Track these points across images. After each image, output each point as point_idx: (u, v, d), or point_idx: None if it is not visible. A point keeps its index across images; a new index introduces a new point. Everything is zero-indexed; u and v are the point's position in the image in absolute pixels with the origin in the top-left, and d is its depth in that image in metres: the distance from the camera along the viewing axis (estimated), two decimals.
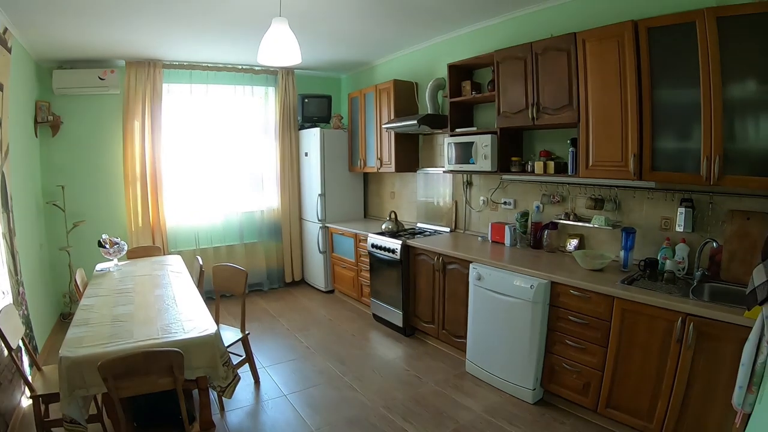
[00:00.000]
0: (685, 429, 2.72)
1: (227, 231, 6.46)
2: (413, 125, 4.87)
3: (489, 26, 4.61)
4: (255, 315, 5.45)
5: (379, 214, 6.65)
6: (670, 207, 3.39)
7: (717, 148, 2.74)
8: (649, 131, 3.09)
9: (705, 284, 3.04)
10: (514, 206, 4.62)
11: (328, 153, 6.27)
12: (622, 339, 2.99)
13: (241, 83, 6.35)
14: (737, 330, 2.44)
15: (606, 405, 3.11)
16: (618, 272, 3.41)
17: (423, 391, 3.76)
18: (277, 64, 3.56)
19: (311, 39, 4.87)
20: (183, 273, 4.05)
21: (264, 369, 4.13)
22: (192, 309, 3.09)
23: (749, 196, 2.97)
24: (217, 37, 4.89)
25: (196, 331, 2.67)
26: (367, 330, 5.17)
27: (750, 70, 2.64)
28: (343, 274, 6.12)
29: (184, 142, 6.12)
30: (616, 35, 3.17)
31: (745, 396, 2.20)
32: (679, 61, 2.90)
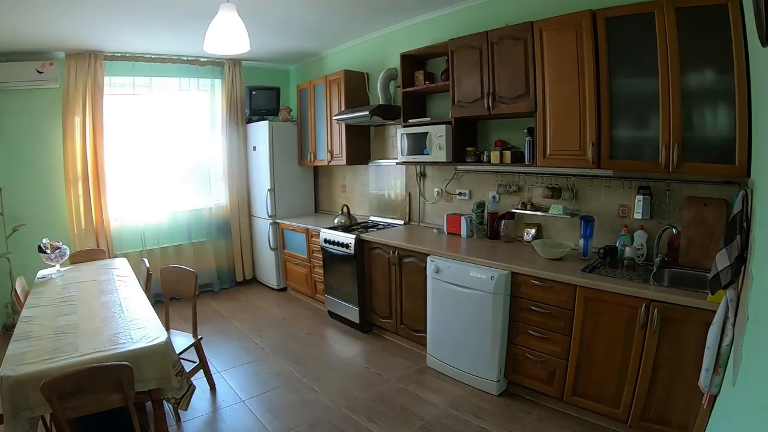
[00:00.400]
0: (652, 412, 2.76)
1: (174, 230, 6.15)
2: (365, 116, 4.77)
3: (443, 15, 4.54)
4: (206, 317, 5.23)
5: (330, 208, 6.52)
6: (628, 195, 3.43)
7: (675, 136, 2.77)
8: (607, 120, 3.10)
9: (665, 270, 3.09)
10: (469, 197, 4.59)
11: (277, 147, 6.06)
12: (585, 327, 3.00)
13: (186, 75, 6.06)
14: (701, 314, 2.48)
15: (572, 393, 3.13)
16: (578, 260, 3.43)
17: (385, 389, 3.67)
18: (225, 53, 3.37)
19: (259, 28, 4.66)
20: (130, 277, 3.80)
21: (219, 374, 3.94)
22: (140, 316, 2.88)
23: (706, 183, 3.03)
24: (162, 26, 4.61)
25: (145, 341, 2.48)
26: (323, 328, 5.04)
27: (707, 60, 2.68)
28: (295, 270, 5.96)
29: (127, 137, 5.79)
30: (574, 24, 3.16)
31: (711, 378, 2.24)
32: (638, 50, 2.93)
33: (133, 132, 5.82)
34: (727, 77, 2.55)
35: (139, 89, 5.78)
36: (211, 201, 6.46)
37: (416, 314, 4.21)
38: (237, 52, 3.26)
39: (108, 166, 5.55)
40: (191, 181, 6.34)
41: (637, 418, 2.82)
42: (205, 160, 6.40)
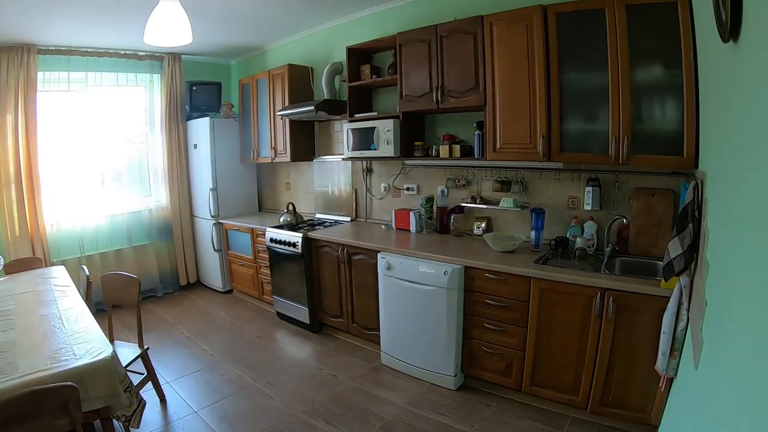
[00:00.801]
0: (611, 398, 2.84)
1: (114, 234, 5.79)
2: (310, 111, 4.66)
3: (390, 9, 4.49)
4: (151, 324, 4.96)
5: (274, 206, 6.36)
6: (577, 186, 3.50)
7: (625, 129, 2.85)
8: (557, 113, 3.15)
9: (615, 259, 3.18)
10: (417, 192, 4.58)
11: (218, 144, 5.84)
12: (541, 318, 3.04)
13: (124, 70, 5.71)
14: (655, 300, 2.56)
15: (530, 383, 3.17)
16: (530, 252, 3.48)
17: (341, 390, 3.60)
18: (166, 45, 3.20)
19: (201, 19, 4.38)
20: (69, 286, 3.53)
21: (169, 384, 3.72)
22: (83, 328, 2.67)
23: (653, 174, 3.14)
24: (99, 17, 4.31)
25: (89, 356, 2.29)
26: (273, 330, 4.90)
27: (656, 55, 2.77)
28: (241, 272, 5.77)
29: (62, 136, 5.40)
30: (524, 19, 3.19)
31: (668, 361, 2.32)
32: (588, 45, 2.99)
33: (69, 130, 5.44)
34: (675, 72, 2.64)
35: (75, 85, 5.41)
36: (151, 202, 6.14)
37: (368, 312, 4.15)
38: (179, 44, 3.11)
39: (42, 168, 5.15)
40: (130, 181, 6.00)
41: (596, 404, 2.89)
42: (144, 159, 6.08)
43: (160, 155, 6.07)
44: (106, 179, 5.75)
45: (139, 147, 6.05)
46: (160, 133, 6.02)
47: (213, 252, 6.02)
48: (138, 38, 4.57)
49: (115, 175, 5.85)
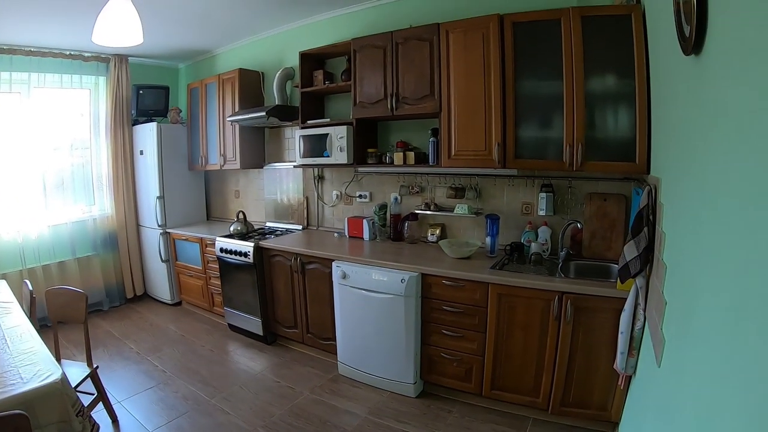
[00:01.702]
0: (572, 397, 2.91)
1: (57, 245, 5.44)
2: (261, 117, 4.56)
3: (344, 15, 4.47)
4: (98, 340, 4.70)
5: (223, 215, 6.20)
6: (531, 192, 3.58)
7: (579, 136, 2.93)
8: (512, 121, 3.21)
9: (570, 262, 3.26)
10: (370, 199, 4.56)
11: (165, 150, 5.62)
12: (500, 323, 3.08)
13: (68, 71, 5.41)
14: (611, 301, 2.65)
15: (491, 387, 3.20)
16: (486, 258, 3.51)
17: (300, 402, 3.52)
18: (116, 45, 3.05)
19: (150, 20, 4.11)
20: (12, 302, 3.30)
21: (120, 404, 3.52)
22: (28, 349, 2.50)
23: (605, 180, 3.25)
24: (44, 14, 4.09)
25: (38, 379, 2.15)
26: (225, 342, 4.75)
27: (609, 65, 2.88)
28: (190, 283, 5.58)
29: (2, 140, 5.05)
30: (481, 27, 3.24)
31: (627, 360, 2.39)
32: (544, 54, 3.07)
33: (8, 134, 5.10)
34: (628, 81, 2.75)
35: (17, 86, 5.09)
36: (95, 211, 5.84)
37: (323, 322, 4.09)
38: (129, 44, 2.98)
39: None
40: (74, 189, 5.68)
41: (557, 405, 2.95)
42: (88, 166, 5.78)
43: (105, 162, 5.79)
44: (49, 187, 5.42)
45: (84, 153, 5.75)
46: (105, 138, 5.75)
47: (160, 263, 5.78)
48: (84, 38, 4.35)
49: (58, 183, 5.52)
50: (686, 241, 1.65)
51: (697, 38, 1.45)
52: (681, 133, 1.84)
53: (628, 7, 2.82)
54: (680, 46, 1.65)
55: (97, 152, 5.80)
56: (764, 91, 1.02)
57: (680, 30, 1.63)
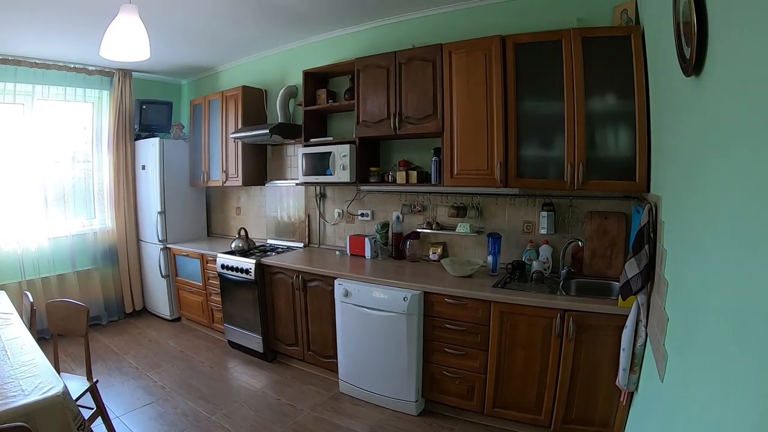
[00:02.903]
0: (574, 414, 2.90)
1: (57, 257, 5.43)
2: (265, 135, 4.59)
3: (347, 34, 4.54)
4: (97, 354, 4.68)
5: (223, 231, 6.21)
6: (532, 211, 3.61)
7: (580, 155, 2.97)
8: (514, 140, 3.24)
9: (571, 280, 3.27)
10: (371, 218, 4.58)
11: (167, 166, 5.65)
12: (502, 340, 3.08)
13: (72, 84, 5.44)
14: (613, 318, 2.67)
15: (493, 405, 3.19)
16: (488, 277, 3.53)
17: (301, 420, 3.49)
18: (123, 60, 3.08)
19: (155, 35, 4.12)
20: (11, 314, 3.30)
21: (119, 419, 3.49)
22: (29, 361, 2.49)
23: (606, 199, 3.28)
24: (50, 27, 4.13)
25: (39, 392, 2.13)
26: (225, 359, 4.72)
27: (610, 85, 2.94)
28: (190, 299, 5.56)
29: (4, 151, 5.08)
30: (483, 48, 3.30)
31: (628, 376, 2.40)
32: (545, 75, 3.13)
33: (11, 145, 5.12)
34: (628, 102, 2.81)
35: (21, 98, 5.12)
36: (96, 224, 5.85)
37: (324, 339, 4.08)
38: (136, 59, 3.00)
39: None
40: (75, 202, 5.69)
41: (560, 422, 2.94)
42: (89, 179, 5.80)
43: (107, 176, 5.81)
44: (50, 199, 5.42)
45: (85, 166, 5.77)
46: (108, 152, 5.77)
47: (160, 278, 5.77)
48: (89, 51, 4.39)
49: (58, 195, 5.53)
50: (688, 258, 1.67)
51: (698, 60, 1.49)
52: (682, 152, 1.87)
53: (628, 28, 2.89)
54: (681, 67, 1.69)
55: (98, 166, 5.82)
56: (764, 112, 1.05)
57: (680, 51, 1.68)
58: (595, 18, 3.21)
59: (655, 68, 2.52)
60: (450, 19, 3.90)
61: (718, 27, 1.35)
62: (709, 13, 1.40)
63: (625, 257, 3.01)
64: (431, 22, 4.00)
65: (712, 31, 1.39)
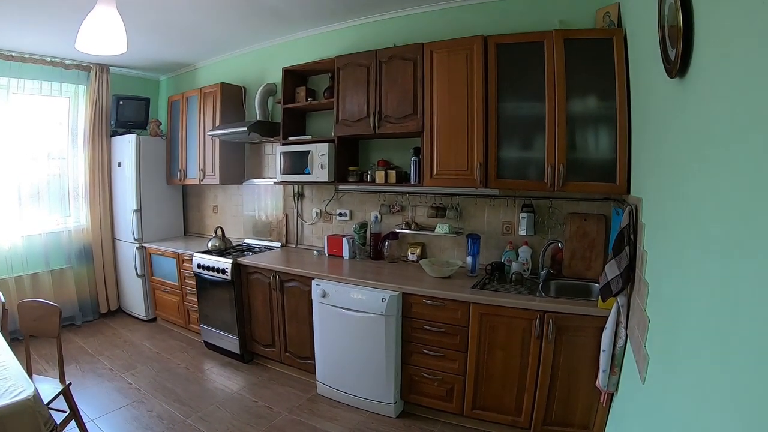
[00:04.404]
0: (554, 416, 2.90)
1: (30, 256, 5.27)
2: (243, 132, 4.54)
3: (329, 32, 4.49)
4: (71, 355, 4.56)
5: (200, 230, 6.11)
6: (512, 212, 3.61)
7: (561, 157, 2.97)
8: (495, 141, 3.24)
9: (551, 282, 3.27)
10: (350, 217, 4.55)
11: (144, 163, 5.54)
12: (481, 342, 3.07)
13: (48, 78, 5.30)
14: (592, 320, 2.67)
15: (472, 407, 3.17)
16: (467, 278, 3.51)
17: (279, 423, 3.44)
18: (99, 53, 3.00)
19: (134, 30, 4.04)
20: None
21: (93, 422, 3.39)
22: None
23: (586, 200, 3.29)
24: (26, 18, 4.01)
25: (9, 396, 2.05)
26: (201, 360, 4.64)
27: (592, 87, 2.94)
28: (165, 299, 5.46)
29: None
30: (465, 48, 3.28)
31: (609, 378, 2.41)
32: (527, 76, 3.13)
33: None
34: (609, 103, 2.81)
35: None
36: (70, 222, 5.70)
37: (302, 341, 4.03)
38: (113, 52, 2.93)
39: None
40: (49, 199, 5.54)
41: (539, 424, 2.94)
42: (64, 176, 5.65)
43: (82, 172, 5.68)
44: (24, 196, 5.27)
45: (60, 163, 5.62)
46: (83, 148, 5.64)
47: (136, 278, 5.65)
48: (66, 45, 4.27)
49: (33, 192, 5.38)
50: (669, 260, 1.67)
51: (683, 61, 1.48)
52: (664, 154, 1.87)
53: (610, 30, 2.89)
54: (665, 69, 1.68)
55: (74, 163, 5.68)
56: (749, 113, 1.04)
57: (665, 53, 1.67)
58: (577, 20, 3.21)
59: (637, 70, 2.53)
60: (432, 19, 3.88)
61: (704, 29, 1.35)
62: (695, 15, 1.40)
63: (605, 259, 3.02)
64: (414, 21, 3.98)
65: (698, 33, 1.39)
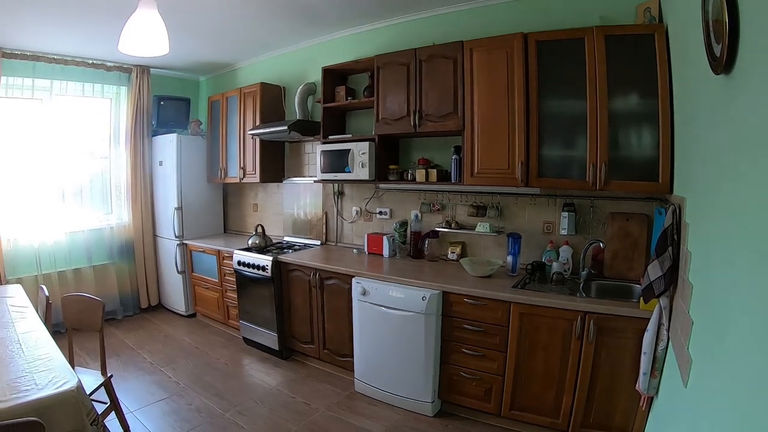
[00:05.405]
0: (592, 419, 2.85)
1: (73, 251, 5.48)
2: (283, 131, 4.59)
3: (367, 31, 4.51)
4: (112, 348, 4.68)
5: (240, 228, 6.22)
6: (553, 212, 3.56)
7: (603, 155, 2.92)
8: (536, 139, 3.20)
9: (592, 282, 3.21)
10: (390, 216, 4.56)
11: (185, 162, 5.67)
12: (521, 342, 3.04)
13: (90, 80, 5.48)
14: (634, 321, 2.61)
15: (510, 408, 3.15)
16: (507, 277, 3.48)
17: (316, 419, 3.47)
18: (142, 55, 3.08)
19: (175, 31, 4.08)
20: (27, 307, 3.31)
21: (132, 414, 3.49)
22: (43, 355, 2.49)
23: (628, 200, 3.22)
24: (69, 22, 4.14)
25: (53, 386, 2.11)
26: (240, 356, 4.72)
27: (632, 84, 2.87)
28: (205, 295, 5.58)
29: (23, 146, 5.13)
30: (505, 46, 3.25)
31: (649, 381, 2.36)
32: (568, 73, 3.08)
33: (30, 140, 5.17)
34: (651, 100, 2.74)
35: (39, 93, 5.16)
36: (112, 220, 5.89)
37: (341, 338, 4.06)
38: (155, 54, 3.01)
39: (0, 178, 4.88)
40: (92, 197, 5.74)
41: (578, 426, 2.89)
42: (106, 175, 5.85)
43: (124, 171, 5.86)
44: (67, 194, 5.48)
45: (103, 162, 5.82)
46: (125, 148, 5.81)
47: (176, 274, 5.80)
48: (107, 47, 4.40)
49: (76, 190, 5.58)
50: (715, 261, 1.63)
51: (729, 57, 1.44)
52: (710, 153, 1.81)
53: (651, 26, 2.83)
54: (710, 66, 1.64)
55: (116, 162, 5.87)
56: None
57: (710, 49, 1.63)
58: (617, 16, 3.14)
59: (680, 67, 2.47)
60: (470, 17, 3.86)
61: (750, 24, 1.31)
62: (741, 9, 1.35)
63: (647, 259, 2.96)
64: (452, 20, 3.96)
65: (743, 28, 1.35)
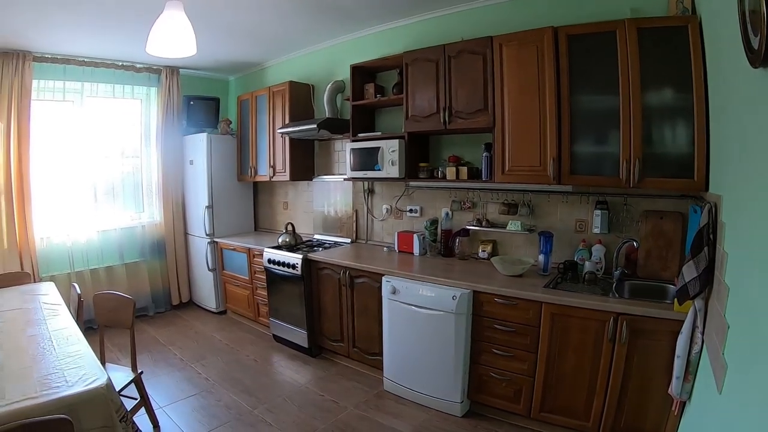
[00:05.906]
0: (623, 423, 2.78)
1: (105, 249, 5.62)
2: (312, 129, 4.60)
3: (395, 28, 4.49)
4: (143, 345, 4.78)
5: (270, 226, 6.27)
6: (585, 209, 3.48)
7: (636, 152, 2.84)
8: (567, 136, 3.12)
9: (625, 282, 3.14)
10: (420, 214, 4.53)
11: (215, 161, 5.75)
12: (552, 343, 2.98)
13: (120, 82, 5.61)
14: (668, 324, 2.53)
15: (540, 409, 3.09)
16: (539, 276, 3.42)
17: (344, 417, 3.47)
18: (169, 56, 3.11)
19: (204, 32, 4.18)
20: (59, 304, 3.38)
21: (162, 410, 3.55)
22: (74, 352, 2.52)
23: (662, 197, 3.13)
24: (98, 26, 4.23)
25: (83, 383, 2.13)
26: (270, 353, 4.76)
27: (667, 78, 2.78)
28: (236, 292, 5.64)
29: (56, 147, 5.27)
30: (535, 41, 3.19)
31: (682, 385, 2.28)
32: (599, 68, 2.99)
33: (62, 141, 5.31)
34: (686, 95, 2.65)
35: (70, 95, 5.30)
36: (144, 218, 6.01)
37: (370, 337, 4.05)
38: (183, 55, 3.04)
39: (34, 178, 4.98)
40: (123, 196, 5.87)
41: (608, 430, 2.83)
42: (138, 174, 5.97)
43: (155, 170, 5.97)
44: (99, 193, 5.62)
45: (134, 161, 5.94)
46: (156, 147, 5.92)
47: (207, 271, 5.89)
48: (136, 49, 4.46)
49: (108, 189, 5.72)
50: (754, 263, 1.55)
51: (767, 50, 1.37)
52: (747, 149, 1.73)
53: (685, 18, 2.72)
54: (747, 59, 1.56)
55: (147, 161, 5.98)
56: None
57: (747, 42, 1.55)
58: (648, 8, 3.04)
59: (715, 60, 2.36)
60: (498, 11, 3.80)
61: None
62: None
63: (682, 259, 2.85)
64: (480, 14, 3.90)
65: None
